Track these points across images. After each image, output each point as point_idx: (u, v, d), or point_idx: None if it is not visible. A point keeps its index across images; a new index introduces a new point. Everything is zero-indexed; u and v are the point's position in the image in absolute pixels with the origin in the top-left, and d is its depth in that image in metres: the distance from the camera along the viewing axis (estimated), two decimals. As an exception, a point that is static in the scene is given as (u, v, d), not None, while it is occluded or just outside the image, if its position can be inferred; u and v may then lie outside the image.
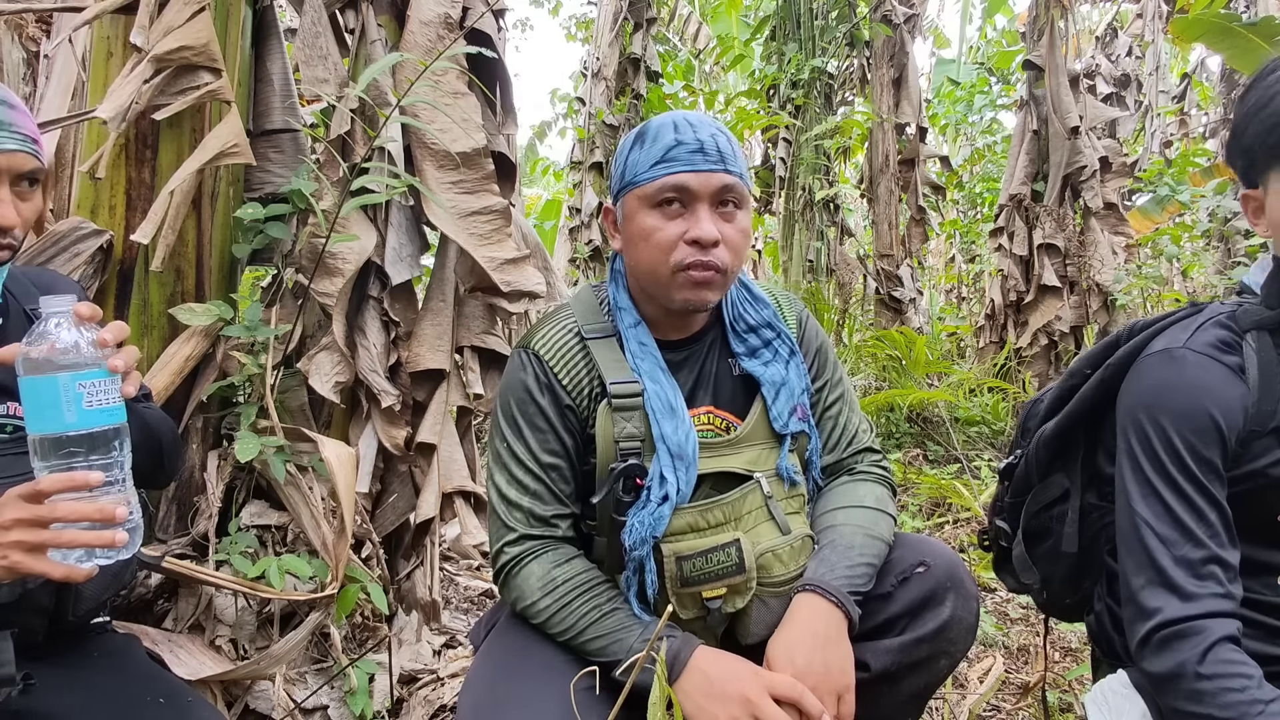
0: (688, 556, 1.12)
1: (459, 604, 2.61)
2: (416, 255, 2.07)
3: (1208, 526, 1.03)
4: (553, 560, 1.17)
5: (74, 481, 0.91)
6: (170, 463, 1.30)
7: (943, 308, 9.54)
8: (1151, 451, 1.07)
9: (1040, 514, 1.31)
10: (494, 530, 1.22)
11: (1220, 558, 1.02)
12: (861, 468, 1.34)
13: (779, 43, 6.72)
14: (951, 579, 1.18)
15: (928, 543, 1.24)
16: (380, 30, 2.04)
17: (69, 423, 0.92)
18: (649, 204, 1.16)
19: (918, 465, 4.25)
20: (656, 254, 1.16)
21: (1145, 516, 1.06)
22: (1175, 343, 1.10)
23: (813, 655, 1.08)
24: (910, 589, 1.18)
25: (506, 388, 1.24)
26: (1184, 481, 1.04)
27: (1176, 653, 0.99)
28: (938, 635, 1.16)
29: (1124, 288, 4.85)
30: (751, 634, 1.16)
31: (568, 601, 1.14)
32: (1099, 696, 1.21)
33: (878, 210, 6.48)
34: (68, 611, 1.12)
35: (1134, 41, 9.62)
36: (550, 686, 1.07)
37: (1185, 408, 1.05)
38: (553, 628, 1.14)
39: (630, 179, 1.19)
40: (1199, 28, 4.44)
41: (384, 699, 1.87)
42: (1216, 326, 1.10)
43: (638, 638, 1.10)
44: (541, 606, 1.14)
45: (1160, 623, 1.01)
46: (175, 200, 1.67)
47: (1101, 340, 1.26)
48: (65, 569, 0.92)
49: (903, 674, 1.16)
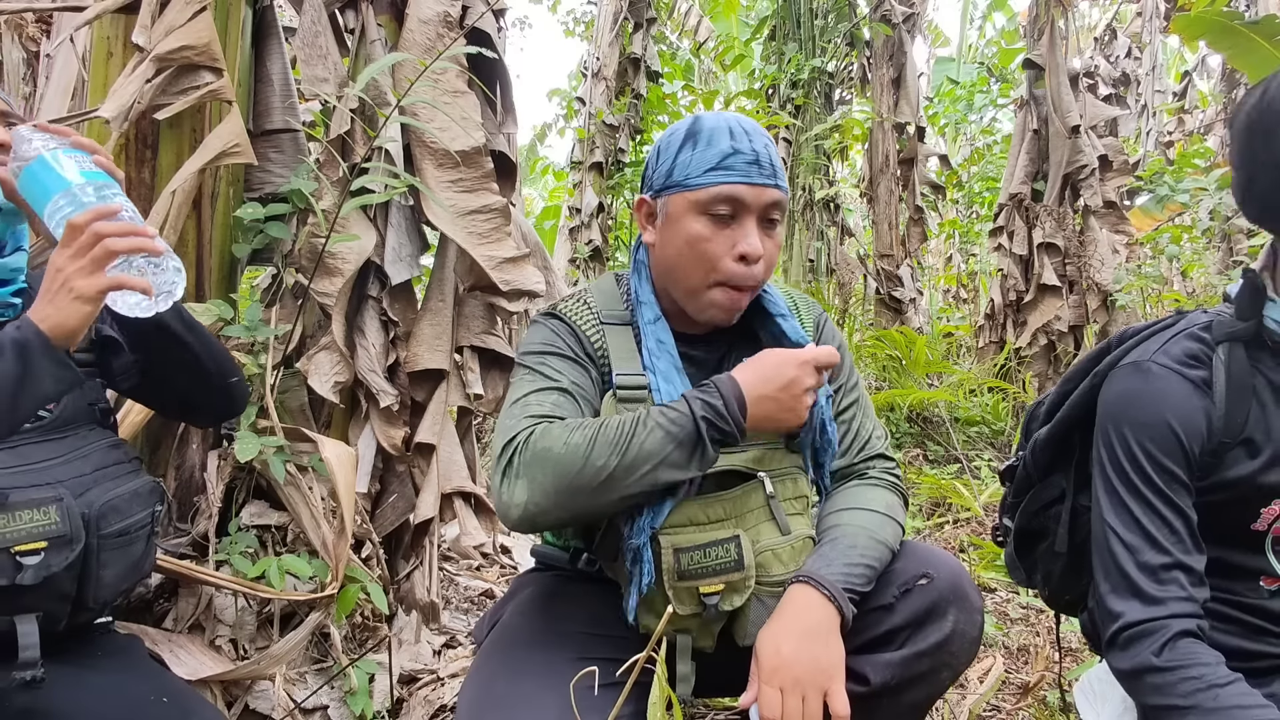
0: (686, 549, 1.11)
1: (459, 604, 2.61)
2: (416, 255, 2.06)
3: (1171, 533, 1.08)
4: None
5: (100, 211, 1.01)
6: (223, 366, 1.31)
7: (941, 308, 9.54)
8: (1116, 461, 1.11)
9: (1039, 514, 1.33)
10: (501, 435, 1.11)
11: (1183, 563, 1.07)
12: (874, 473, 1.31)
13: (779, 43, 6.72)
14: (955, 592, 1.15)
15: (932, 553, 1.22)
16: (380, 30, 2.04)
17: (71, 179, 1.04)
18: (699, 210, 1.15)
19: (918, 465, 4.24)
20: (700, 263, 1.16)
21: (1112, 524, 1.11)
22: (1143, 355, 1.13)
23: (800, 648, 1.05)
24: (912, 601, 1.15)
25: (530, 341, 1.22)
26: (1146, 490, 1.09)
27: (1138, 649, 1.04)
28: (939, 649, 1.14)
29: (1124, 287, 4.84)
30: (749, 634, 1.14)
31: (602, 423, 1.08)
32: (1086, 686, 1.28)
33: (878, 210, 6.48)
34: (89, 599, 1.13)
35: (1133, 42, 9.63)
36: (551, 684, 1.06)
37: (1146, 419, 1.10)
38: (596, 457, 1.05)
39: (680, 179, 1.17)
40: (1200, 26, 4.43)
41: (384, 699, 1.87)
42: (1189, 339, 1.13)
43: (693, 396, 1.09)
44: (576, 440, 1.06)
45: (1123, 625, 1.06)
46: (176, 200, 1.67)
47: (1097, 345, 1.27)
48: (121, 277, 1.01)
49: (903, 687, 1.15)
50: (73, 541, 1.08)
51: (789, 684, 1.04)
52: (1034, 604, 2.59)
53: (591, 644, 1.18)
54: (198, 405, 1.36)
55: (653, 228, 1.23)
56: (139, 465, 1.25)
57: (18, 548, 1.02)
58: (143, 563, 1.22)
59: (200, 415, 1.45)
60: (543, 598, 1.29)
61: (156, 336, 1.21)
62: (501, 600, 1.34)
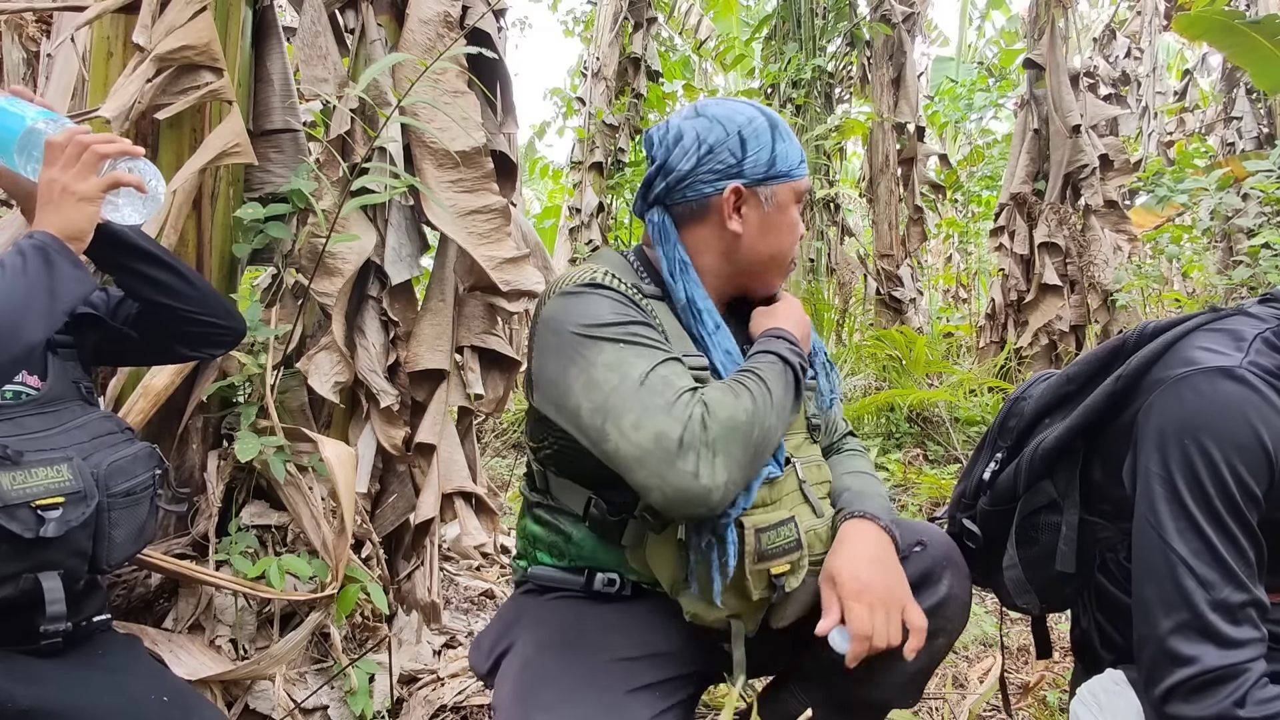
0: (765, 529, 1.12)
1: (459, 604, 2.61)
2: (416, 255, 2.06)
3: (1247, 566, 0.96)
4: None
5: (73, 130, 1.12)
6: (207, 287, 1.38)
7: (941, 308, 9.54)
8: (1196, 480, 0.96)
9: (1024, 521, 1.27)
10: (654, 416, 1.00)
11: (1258, 600, 0.96)
12: (849, 447, 1.45)
13: (779, 42, 6.72)
14: (948, 558, 1.23)
15: (922, 525, 1.30)
16: (380, 30, 2.04)
17: (30, 115, 1.15)
18: (797, 199, 1.25)
19: (918, 465, 4.24)
20: (791, 245, 1.26)
21: (1182, 553, 0.96)
22: (1230, 361, 0.99)
23: (875, 572, 1.11)
24: (909, 567, 1.19)
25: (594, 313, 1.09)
26: (1228, 515, 0.95)
27: (1214, 698, 0.93)
28: (936, 612, 1.18)
29: (1124, 287, 4.84)
30: (787, 615, 1.18)
31: (749, 383, 1.09)
32: (1087, 697, 1.18)
33: (878, 210, 6.48)
34: (102, 559, 1.18)
35: (1132, 43, 9.62)
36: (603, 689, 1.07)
37: (1238, 434, 0.95)
38: (765, 418, 1.05)
39: (785, 170, 1.22)
40: (1201, 25, 4.44)
41: (384, 699, 1.87)
42: (1272, 348, 1.01)
43: (778, 347, 1.16)
44: (746, 405, 1.05)
45: (1197, 672, 0.94)
46: (176, 200, 1.67)
47: (1105, 344, 1.20)
48: (117, 174, 1.14)
49: (901, 652, 1.14)
50: (88, 497, 1.13)
51: (876, 604, 1.09)
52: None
53: (638, 670, 1.12)
54: (201, 334, 1.38)
55: (738, 216, 1.21)
56: (131, 435, 1.28)
57: (38, 502, 1.08)
58: (147, 526, 1.26)
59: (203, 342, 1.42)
60: (563, 628, 1.19)
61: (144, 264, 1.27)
62: (502, 628, 1.26)
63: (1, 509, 1.05)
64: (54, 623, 1.11)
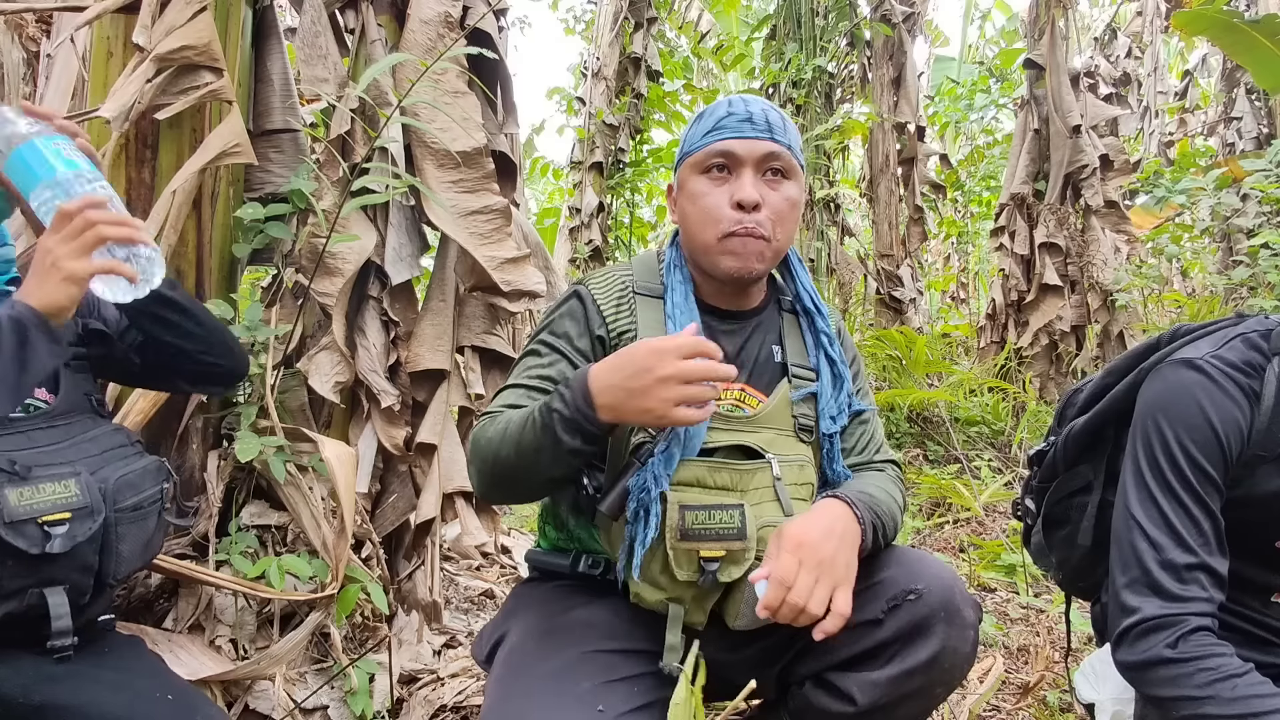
0: (691, 508, 1.11)
1: (459, 604, 2.61)
2: (416, 255, 2.06)
3: (1199, 534, 1.05)
4: None
5: (89, 199, 1.08)
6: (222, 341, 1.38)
7: (941, 308, 9.54)
8: (1152, 455, 1.09)
9: (1062, 501, 1.34)
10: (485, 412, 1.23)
11: (1207, 565, 1.05)
12: (886, 471, 1.36)
13: (779, 42, 6.71)
14: (945, 608, 1.12)
15: (925, 564, 1.18)
16: (380, 30, 2.04)
17: (59, 167, 1.10)
18: (698, 170, 1.23)
19: (918, 465, 4.25)
20: (705, 219, 1.22)
21: (1138, 518, 1.08)
22: (1197, 353, 1.10)
23: (825, 539, 1.07)
24: (900, 616, 1.13)
25: (548, 313, 1.30)
26: (1179, 487, 1.06)
27: (1150, 643, 1.03)
28: (930, 667, 1.11)
29: (1124, 287, 4.84)
30: (741, 615, 1.14)
31: (516, 418, 1.13)
32: (1087, 668, 1.27)
33: (878, 210, 6.48)
34: (108, 574, 1.18)
35: (1133, 43, 9.62)
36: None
37: (1189, 416, 1.07)
38: (502, 451, 1.12)
39: (685, 150, 1.26)
40: (1201, 23, 4.44)
41: (384, 699, 1.87)
42: (1246, 345, 1.11)
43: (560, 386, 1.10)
44: (492, 435, 1.14)
45: (1138, 620, 1.04)
46: (176, 200, 1.67)
47: (1143, 340, 1.28)
48: (110, 262, 1.08)
49: (896, 704, 1.14)
50: (95, 512, 1.14)
51: (809, 563, 1.04)
52: (1034, 604, 2.59)
53: (614, 663, 1.14)
54: (201, 372, 1.38)
55: (674, 208, 1.31)
56: (141, 448, 1.29)
57: (45, 518, 1.08)
58: (153, 540, 1.26)
59: (203, 379, 1.45)
60: (550, 616, 1.23)
61: (155, 305, 1.26)
62: (501, 616, 1.30)
63: (8, 525, 1.05)
64: (60, 638, 1.11)
